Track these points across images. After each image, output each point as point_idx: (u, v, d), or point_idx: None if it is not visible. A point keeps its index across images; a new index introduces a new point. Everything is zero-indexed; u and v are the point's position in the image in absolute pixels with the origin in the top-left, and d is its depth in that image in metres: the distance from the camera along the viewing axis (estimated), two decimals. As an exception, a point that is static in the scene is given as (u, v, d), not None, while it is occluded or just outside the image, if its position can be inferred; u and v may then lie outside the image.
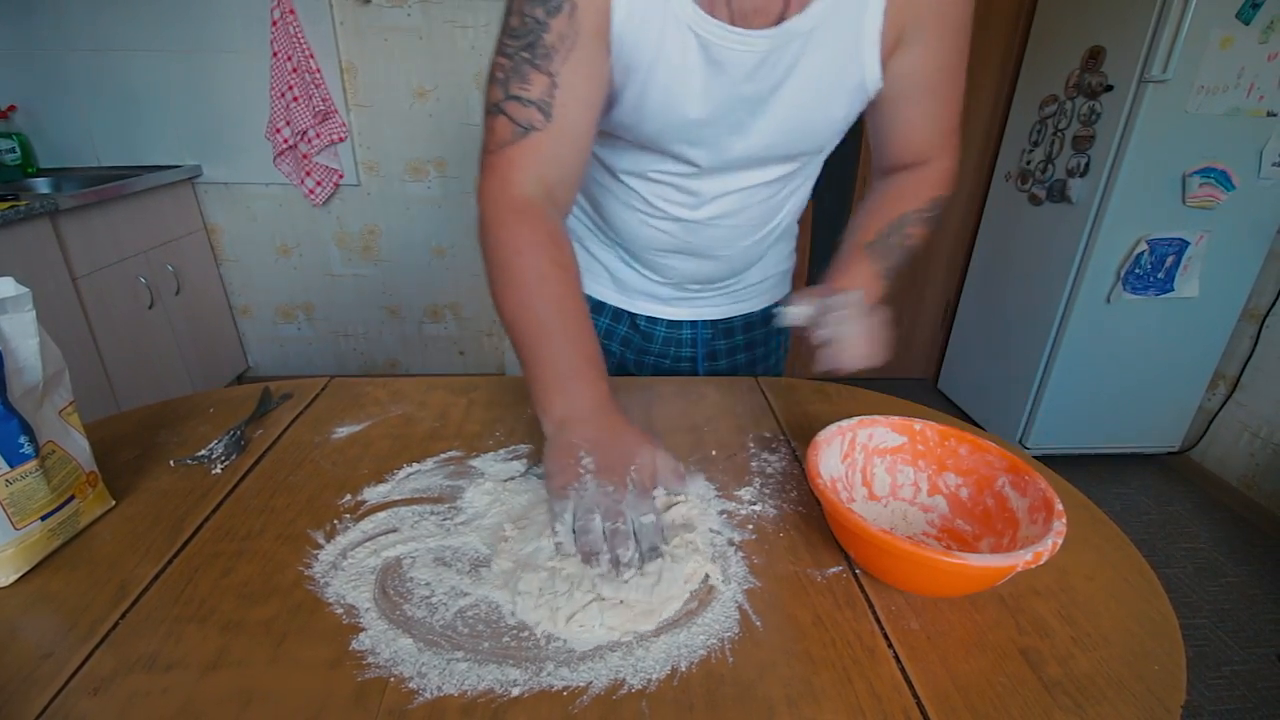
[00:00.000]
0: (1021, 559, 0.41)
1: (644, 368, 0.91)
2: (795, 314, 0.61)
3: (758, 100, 0.62)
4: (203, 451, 0.63)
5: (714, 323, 0.88)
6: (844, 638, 0.44)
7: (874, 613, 0.46)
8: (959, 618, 0.46)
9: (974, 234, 2.44)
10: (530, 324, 0.55)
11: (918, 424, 0.57)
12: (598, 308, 0.86)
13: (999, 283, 2.27)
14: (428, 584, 0.47)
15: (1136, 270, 1.86)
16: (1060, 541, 0.43)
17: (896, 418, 0.58)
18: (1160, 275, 1.87)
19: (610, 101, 0.62)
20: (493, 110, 0.58)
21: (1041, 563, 0.42)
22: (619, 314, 0.87)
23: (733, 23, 0.57)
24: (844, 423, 0.56)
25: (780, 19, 0.57)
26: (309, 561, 0.49)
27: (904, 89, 0.65)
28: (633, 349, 0.89)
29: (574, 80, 0.56)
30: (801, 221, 0.89)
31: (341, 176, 2.21)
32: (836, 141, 0.70)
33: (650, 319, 0.86)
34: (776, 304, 0.68)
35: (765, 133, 0.65)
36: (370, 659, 0.41)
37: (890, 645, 0.44)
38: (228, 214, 2.27)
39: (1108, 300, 1.91)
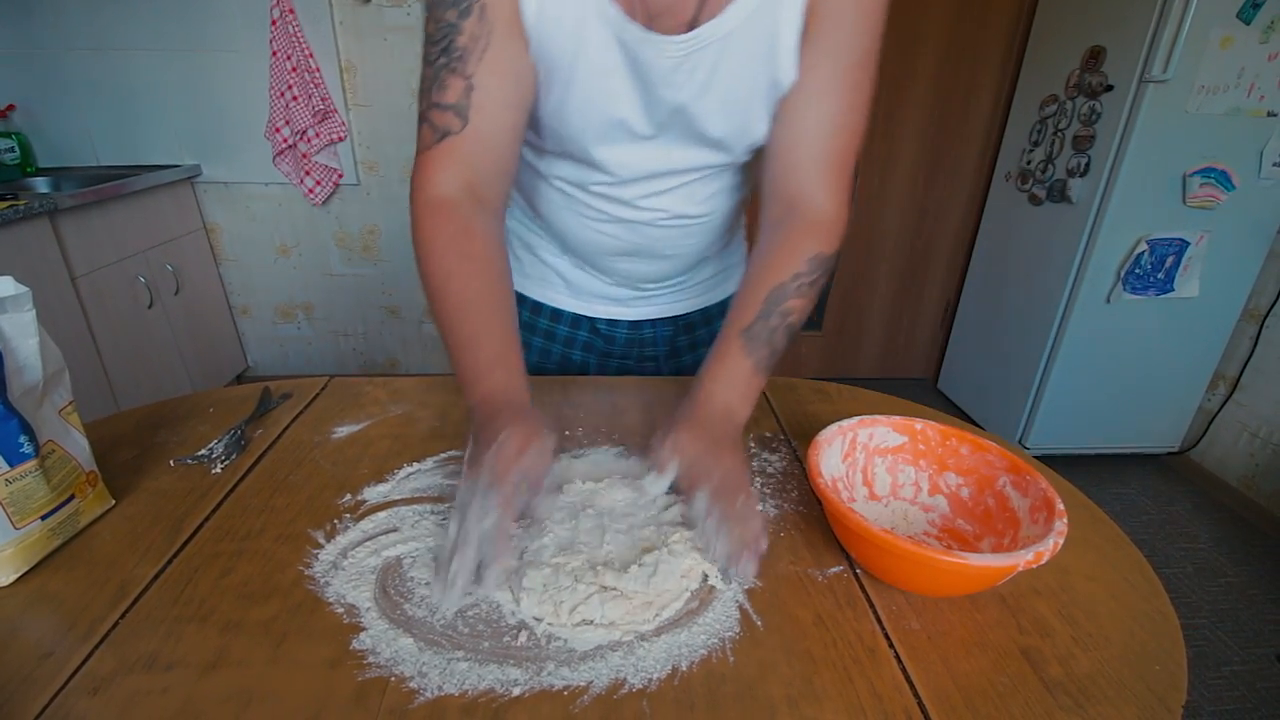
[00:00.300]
0: (1022, 559, 0.41)
1: (608, 372, 0.89)
2: (656, 490, 0.54)
3: (678, 106, 0.61)
4: (202, 451, 0.63)
5: (675, 319, 0.87)
6: (845, 637, 0.44)
7: (875, 612, 0.46)
8: (960, 617, 0.46)
9: (974, 234, 2.44)
10: (442, 323, 0.56)
11: (919, 424, 0.57)
12: (555, 315, 0.85)
13: (999, 283, 2.27)
14: (428, 583, 0.47)
15: (1136, 270, 1.86)
16: (1061, 541, 0.43)
17: (897, 417, 0.58)
18: (1160, 275, 1.87)
19: (537, 100, 0.61)
20: (420, 118, 0.59)
21: (1042, 563, 0.42)
22: (578, 320, 0.85)
23: (648, 25, 0.56)
24: (845, 422, 0.56)
25: (693, 21, 0.57)
26: (309, 561, 0.49)
27: (791, 95, 0.61)
28: (595, 353, 0.88)
29: (490, 81, 0.56)
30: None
31: (341, 176, 2.21)
32: (763, 142, 0.66)
33: (611, 321, 0.85)
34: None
35: (687, 138, 0.64)
36: (371, 659, 0.41)
37: (891, 645, 0.43)
38: (227, 213, 2.27)
39: (1108, 300, 1.91)
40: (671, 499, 0.56)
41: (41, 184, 2.00)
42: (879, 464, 0.58)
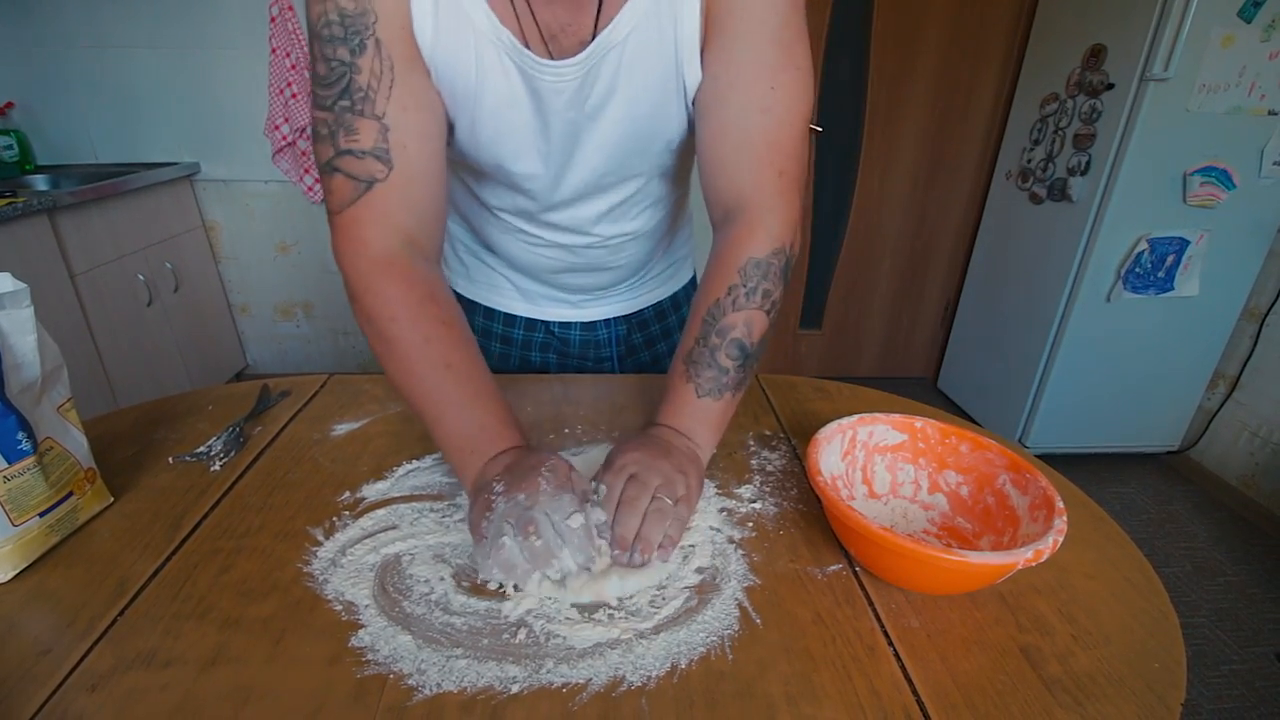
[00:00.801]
0: (1022, 557, 0.41)
1: (568, 372, 0.90)
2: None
3: (585, 121, 0.60)
4: (201, 448, 0.62)
5: (627, 318, 0.87)
6: (844, 635, 0.44)
7: (874, 610, 0.46)
8: (959, 615, 0.46)
9: (974, 232, 2.44)
10: (422, 396, 0.53)
11: (919, 422, 0.57)
12: (510, 320, 0.85)
13: (999, 281, 2.27)
14: (426, 581, 0.47)
15: (1137, 269, 1.86)
16: (1061, 539, 0.43)
17: (897, 415, 0.57)
18: (1160, 274, 1.87)
19: (451, 128, 0.60)
20: (327, 170, 0.53)
21: (1042, 560, 0.42)
22: (532, 323, 0.85)
23: (546, 45, 0.55)
24: (844, 420, 0.56)
25: (594, 36, 0.55)
26: (308, 558, 0.49)
27: (707, 90, 0.58)
28: (554, 353, 0.88)
29: (404, 118, 0.53)
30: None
31: (341, 174, 2.20)
32: (680, 143, 0.64)
33: (564, 324, 0.85)
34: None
35: (597, 154, 0.62)
36: (369, 656, 0.41)
37: (890, 643, 0.43)
38: (226, 211, 2.27)
39: (1108, 299, 1.91)
40: None
41: (40, 181, 2.00)
42: (878, 462, 0.58)
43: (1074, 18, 1.92)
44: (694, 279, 0.93)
